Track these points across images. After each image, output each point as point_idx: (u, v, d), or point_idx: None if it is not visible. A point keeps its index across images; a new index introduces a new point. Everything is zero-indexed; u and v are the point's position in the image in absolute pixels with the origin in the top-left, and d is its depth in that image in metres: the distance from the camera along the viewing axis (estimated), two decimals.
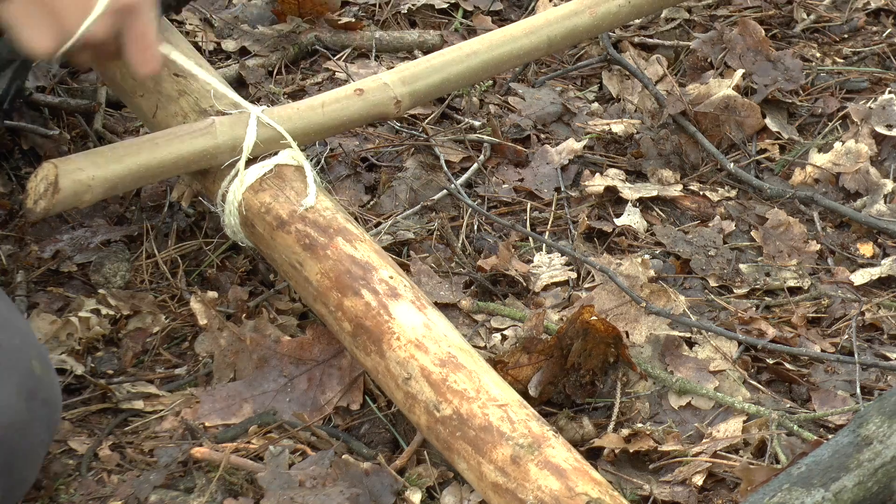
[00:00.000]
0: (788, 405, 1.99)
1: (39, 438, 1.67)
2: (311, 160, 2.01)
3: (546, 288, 2.18)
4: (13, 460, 1.63)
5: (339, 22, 2.76)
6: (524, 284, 2.19)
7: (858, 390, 2.01)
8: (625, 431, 1.91)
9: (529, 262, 2.25)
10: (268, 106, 2.02)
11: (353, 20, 2.79)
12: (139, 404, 1.95)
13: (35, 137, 2.34)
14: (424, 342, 1.75)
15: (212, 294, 2.06)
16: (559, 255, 2.25)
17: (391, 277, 1.83)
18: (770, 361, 2.06)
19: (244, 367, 1.98)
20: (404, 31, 2.79)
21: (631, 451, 1.87)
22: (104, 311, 2.04)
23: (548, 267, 2.22)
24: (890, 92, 2.62)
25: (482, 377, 1.70)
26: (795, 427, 1.89)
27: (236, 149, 1.96)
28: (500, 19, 2.89)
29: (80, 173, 1.84)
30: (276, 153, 1.99)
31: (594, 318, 1.92)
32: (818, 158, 2.50)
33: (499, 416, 1.64)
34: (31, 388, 1.65)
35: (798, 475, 1.55)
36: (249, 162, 1.97)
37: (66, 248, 2.18)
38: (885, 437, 1.57)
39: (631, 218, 2.36)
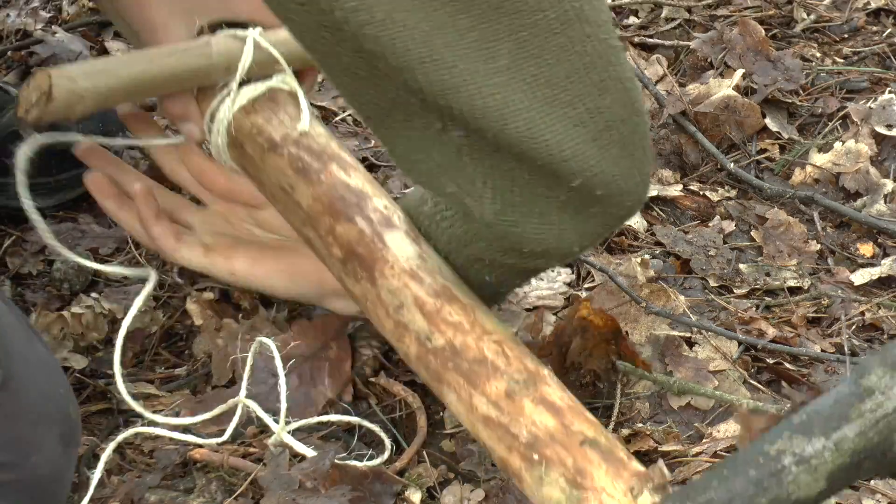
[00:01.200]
0: (788, 405, 1.99)
1: (69, 481, 1.67)
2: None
3: (534, 308, 2.15)
4: None
5: None
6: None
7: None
8: (625, 431, 1.91)
9: None
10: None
11: None
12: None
13: None
14: (419, 272, 1.68)
15: (208, 295, 2.06)
16: (564, 269, 2.23)
17: (385, 207, 1.78)
18: (770, 361, 2.06)
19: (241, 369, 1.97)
20: None
21: (631, 451, 1.87)
22: (98, 308, 2.03)
23: (549, 280, 2.20)
24: (890, 92, 2.63)
25: (477, 311, 1.64)
26: None
27: (230, 69, 1.89)
28: None
29: (74, 84, 1.78)
30: (270, 77, 1.94)
31: (591, 314, 1.90)
32: (818, 158, 2.51)
33: (494, 350, 1.58)
34: (69, 436, 1.63)
35: (799, 423, 1.53)
36: (243, 84, 1.93)
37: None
38: (888, 389, 1.55)
39: (631, 218, 2.35)
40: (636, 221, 2.35)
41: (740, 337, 2.07)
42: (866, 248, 2.35)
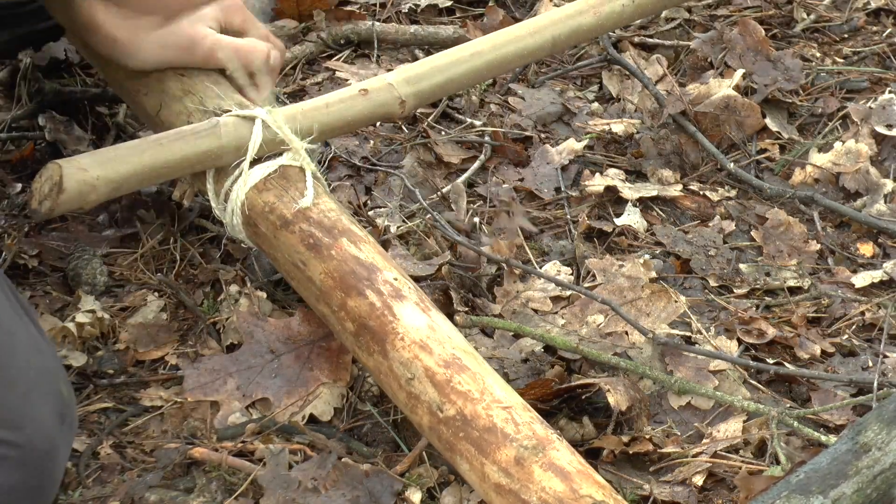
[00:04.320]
0: (788, 405, 1.99)
1: (64, 460, 1.67)
2: (313, 161, 2.01)
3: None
4: (45, 485, 1.63)
5: (340, 13, 2.78)
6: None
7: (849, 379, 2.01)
8: (625, 438, 1.91)
9: (527, 262, 2.25)
10: (271, 106, 2.02)
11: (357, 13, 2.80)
12: (139, 404, 1.95)
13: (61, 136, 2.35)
14: (429, 343, 1.74)
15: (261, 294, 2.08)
16: (564, 268, 2.23)
17: (396, 279, 1.83)
18: (770, 361, 2.06)
19: None
20: (439, 27, 2.80)
21: (631, 452, 1.88)
22: (100, 313, 2.03)
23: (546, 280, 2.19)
24: (890, 92, 2.63)
25: (486, 379, 1.70)
26: (795, 424, 1.89)
27: (241, 149, 1.96)
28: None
29: (85, 173, 1.83)
30: (280, 153, 1.99)
31: None
32: (818, 158, 2.51)
33: (503, 418, 1.64)
34: (62, 412, 1.65)
35: (797, 483, 1.56)
36: (254, 162, 1.97)
37: (50, 252, 2.17)
38: (884, 444, 1.57)
39: (631, 218, 2.36)
40: (636, 221, 2.35)
41: (751, 364, 2.05)
42: (866, 248, 2.36)
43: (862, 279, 2.26)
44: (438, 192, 2.36)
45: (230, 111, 1.99)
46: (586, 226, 2.32)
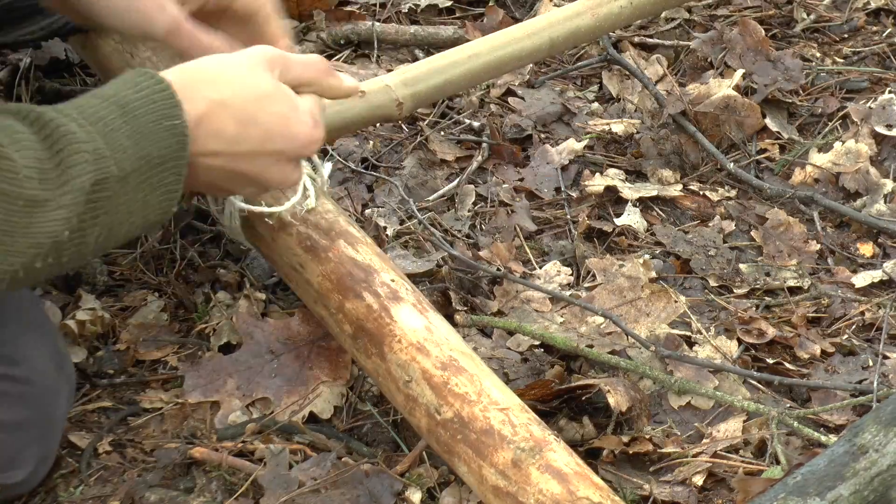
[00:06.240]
0: (788, 405, 1.99)
1: (63, 412, 1.73)
2: (312, 162, 2.01)
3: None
4: (49, 428, 1.69)
5: (340, 13, 2.78)
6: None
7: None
8: (625, 438, 1.91)
9: (527, 262, 2.25)
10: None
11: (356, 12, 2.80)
12: (140, 403, 1.95)
13: None
14: (426, 345, 1.74)
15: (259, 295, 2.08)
16: (564, 268, 2.24)
17: (393, 280, 1.83)
18: (770, 361, 2.06)
19: None
20: (439, 27, 2.80)
21: (631, 452, 1.88)
22: (100, 312, 2.03)
23: (546, 280, 2.20)
24: (890, 92, 2.63)
25: (484, 381, 1.69)
26: (795, 424, 1.89)
27: None
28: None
29: None
30: None
31: None
32: (818, 158, 2.51)
33: (500, 420, 1.64)
34: (59, 362, 1.71)
35: (794, 484, 1.56)
36: None
37: None
38: (882, 446, 1.57)
39: (631, 218, 2.36)
40: (636, 221, 2.35)
41: (758, 375, 2.04)
42: (866, 248, 2.36)
43: (862, 279, 2.26)
44: (438, 193, 2.36)
45: None
46: (586, 226, 2.32)
